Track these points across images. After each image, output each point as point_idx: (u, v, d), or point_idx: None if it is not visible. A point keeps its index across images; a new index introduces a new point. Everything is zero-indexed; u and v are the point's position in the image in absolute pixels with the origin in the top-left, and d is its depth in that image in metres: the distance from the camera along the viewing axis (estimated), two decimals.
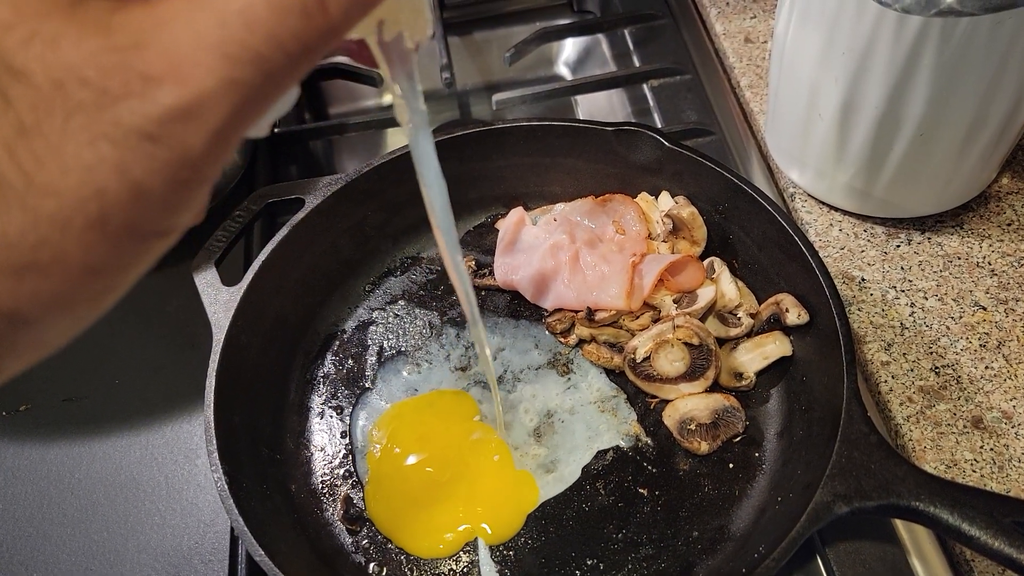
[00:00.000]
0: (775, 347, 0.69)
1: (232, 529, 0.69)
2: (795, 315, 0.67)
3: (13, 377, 0.30)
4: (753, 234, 0.73)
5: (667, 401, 0.70)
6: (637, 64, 1.05)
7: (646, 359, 0.70)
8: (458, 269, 0.52)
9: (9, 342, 0.24)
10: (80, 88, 0.23)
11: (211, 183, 0.26)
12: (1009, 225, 0.82)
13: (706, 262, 0.74)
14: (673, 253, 0.75)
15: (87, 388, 0.79)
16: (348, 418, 0.73)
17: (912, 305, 0.77)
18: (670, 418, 0.68)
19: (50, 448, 0.75)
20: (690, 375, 0.68)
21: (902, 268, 0.80)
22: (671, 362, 0.69)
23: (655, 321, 0.72)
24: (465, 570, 0.63)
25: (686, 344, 0.69)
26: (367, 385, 0.74)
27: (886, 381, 0.73)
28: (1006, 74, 0.66)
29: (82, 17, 0.23)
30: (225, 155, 0.25)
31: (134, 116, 0.23)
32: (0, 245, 0.22)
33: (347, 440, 0.71)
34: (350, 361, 0.76)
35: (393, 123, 0.98)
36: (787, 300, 0.68)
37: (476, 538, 0.65)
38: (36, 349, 0.25)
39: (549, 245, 0.76)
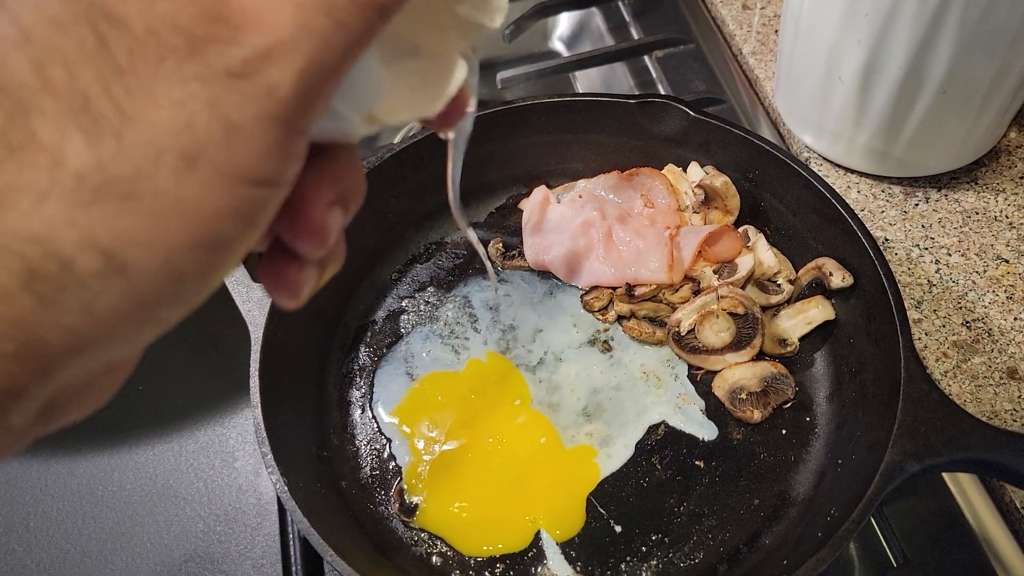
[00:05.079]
0: (818, 312, 0.69)
1: (281, 532, 0.68)
2: (839, 278, 0.67)
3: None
4: (786, 200, 0.73)
5: (713, 372, 0.70)
6: (635, 36, 1.04)
7: (691, 331, 0.69)
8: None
9: (110, 297, 0.24)
10: (173, 34, 0.24)
11: (306, 135, 0.27)
12: (1022, 178, 0.83)
13: (740, 230, 0.74)
14: (706, 223, 0.74)
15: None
16: (386, 410, 0.71)
17: (937, 262, 0.78)
18: (720, 389, 0.68)
19: (78, 462, 0.72)
20: (736, 345, 0.68)
21: (923, 226, 0.81)
22: (717, 333, 0.69)
23: (695, 293, 0.71)
24: (532, 555, 0.63)
25: (730, 314, 0.69)
26: (404, 375, 0.73)
27: (920, 338, 0.74)
28: None
29: None
30: (314, 106, 0.26)
31: (221, 57, 0.24)
32: (98, 174, 0.23)
33: (389, 433, 0.70)
34: (385, 351, 0.74)
35: None
36: (829, 264, 0.69)
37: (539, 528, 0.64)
38: (138, 318, 0.25)
39: (580, 222, 0.75)
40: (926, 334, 0.74)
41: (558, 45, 1.11)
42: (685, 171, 0.78)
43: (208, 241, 0.25)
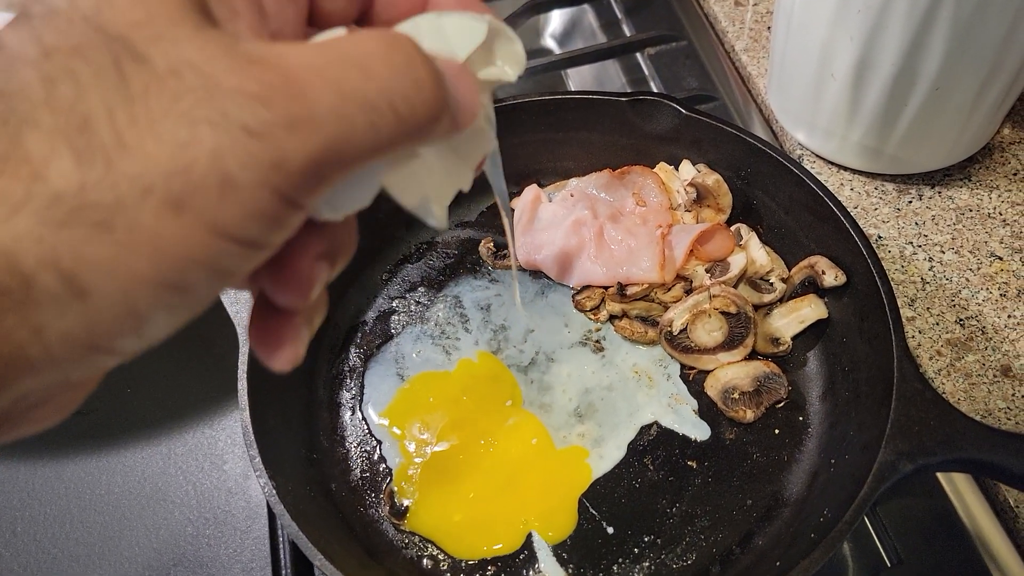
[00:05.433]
0: (811, 310, 0.69)
1: (270, 535, 0.67)
2: (832, 277, 0.67)
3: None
4: (779, 198, 0.73)
5: (705, 372, 0.69)
6: (627, 33, 1.04)
7: (683, 331, 0.69)
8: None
9: (66, 320, 0.23)
10: (195, 76, 0.23)
11: (303, 211, 0.26)
12: (1015, 175, 0.83)
13: (732, 229, 0.74)
14: (698, 222, 0.74)
15: (97, 400, 0.75)
16: (377, 411, 0.70)
17: (930, 259, 0.78)
18: (712, 388, 0.68)
19: (66, 465, 0.72)
20: (729, 344, 0.68)
21: (916, 223, 0.81)
22: (709, 332, 0.68)
23: (687, 292, 0.71)
24: (524, 558, 0.62)
25: (723, 313, 0.68)
26: (394, 376, 0.72)
27: (913, 336, 0.73)
28: (1022, 23, 0.67)
29: (208, 34, 0.25)
30: (315, 189, 0.26)
31: (242, 111, 0.23)
32: (77, 197, 0.22)
33: (379, 434, 0.69)
34: (375, 352, 0.74)
35: None
36: (822, 262, 0.68)
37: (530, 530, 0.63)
38: (92, 345, 0.24)
39: (571, 221, 0.74)
40: (919, 332, 0.74)
41: (550, 42, 1.10)
42: (677, 169, 0.78)
43: (174, 284, 0.24)
